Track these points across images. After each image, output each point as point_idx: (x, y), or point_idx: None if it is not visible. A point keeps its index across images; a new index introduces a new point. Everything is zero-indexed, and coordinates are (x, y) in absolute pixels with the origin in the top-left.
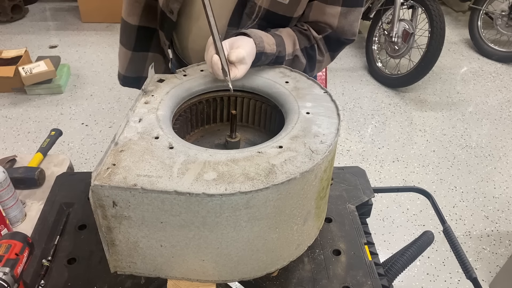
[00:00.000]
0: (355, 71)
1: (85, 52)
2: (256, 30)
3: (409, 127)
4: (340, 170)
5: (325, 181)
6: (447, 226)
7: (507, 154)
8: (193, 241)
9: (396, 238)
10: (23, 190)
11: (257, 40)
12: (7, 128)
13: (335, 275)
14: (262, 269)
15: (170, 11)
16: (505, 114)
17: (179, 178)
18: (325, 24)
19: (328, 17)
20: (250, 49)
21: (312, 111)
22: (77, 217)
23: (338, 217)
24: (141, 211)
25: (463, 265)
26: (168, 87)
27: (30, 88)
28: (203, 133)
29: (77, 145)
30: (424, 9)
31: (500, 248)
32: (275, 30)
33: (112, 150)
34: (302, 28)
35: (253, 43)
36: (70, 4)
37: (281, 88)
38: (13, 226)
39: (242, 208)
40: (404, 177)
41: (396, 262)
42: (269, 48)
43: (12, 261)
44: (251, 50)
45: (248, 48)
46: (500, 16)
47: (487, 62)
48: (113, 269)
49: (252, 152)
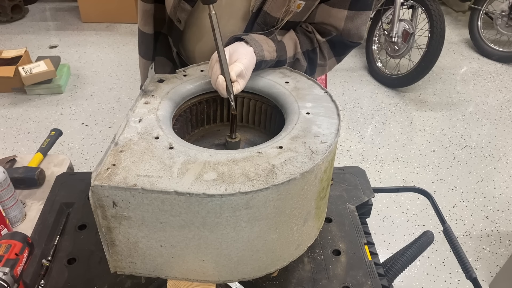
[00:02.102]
0: (355, 71)
1: (85, 52)
2: (256, 35)
3: (409, 127)
4: (340, 170)
5: (325, 181)
6: (447, 226)
7: (507, 154)
8: (193, 242)
9: (396, 238)
10: (23, 190)
11: (257, 49)
12: (7, 128)
13: (335, 275)
14: (262, 270)
15: (177, 20)
16: (505, 114)
17: (179, 179)
18: (330, 26)
19: (334, 20)
20: (249, 60)
21: (312, 112)
22: (77, 217)
23: (338, 217)
24: (141, 211)
25: (463, 265)
26: (168, 87)
27: (30, 88)
28: (203, 133)
29: (77, 145)
30: (424, 9)
31: (500, 248)
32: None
33: (112, 150)
34: (306, 29)
35: (253, 53)
36: (70, 4)
37: (281, 89)
38: (13, 226)
39: (242, 209)
40: (404, 177)
41: (396, 262)
42: (269, 55)
43: (12, 261)
44: (250, 61)
45: (246, 60)
46: (500, 16)
47: (487, 62)
48: (113, 269)
49: (252, 153)
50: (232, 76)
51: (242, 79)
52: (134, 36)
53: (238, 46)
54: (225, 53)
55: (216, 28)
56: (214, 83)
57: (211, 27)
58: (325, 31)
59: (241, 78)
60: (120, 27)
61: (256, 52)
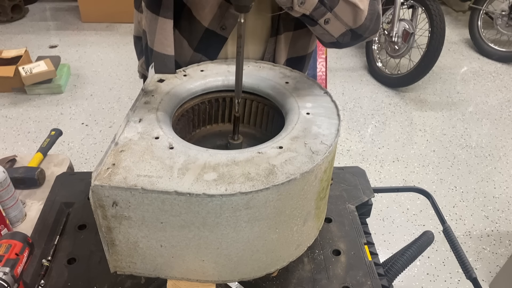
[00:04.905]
0: (355, 71)
1: (85, 52)
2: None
3: (409, 127)
4: (340, 170)
5: (325, 182)
6: (447, 226)
7: (507, 154)
8: (193, 242)
9: (396, 238)
10: (23, 190)
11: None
12: (7, 128)
13: (335, 275)
14: (262, 270)
15: (222, 27)
16: (505, 114)
17: (180, 179)
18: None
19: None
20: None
21: (312, 112)
22: (77, 217)
23: (338, 217)
24: (141, 211)
25: (463, 265)
26: (168, 87)
27: (30, 88)
28: (204, 133)
29: (77, 145)
30: (424, 9)
31: (500, 248)
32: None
33: (112, 150)
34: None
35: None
36: (70, 4)
37: (281, 89)
38: (13, 226)
39: (242, 209)
40: (404, 177)
41: (396, 262)
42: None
43: (12, 261)
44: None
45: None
46: (500, 16)
47: (487, 62)
48: (113, 269)
49: (252, 153)
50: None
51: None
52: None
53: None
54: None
55: (243, 36)
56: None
57: (238, 34)
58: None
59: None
60: (120, 27)
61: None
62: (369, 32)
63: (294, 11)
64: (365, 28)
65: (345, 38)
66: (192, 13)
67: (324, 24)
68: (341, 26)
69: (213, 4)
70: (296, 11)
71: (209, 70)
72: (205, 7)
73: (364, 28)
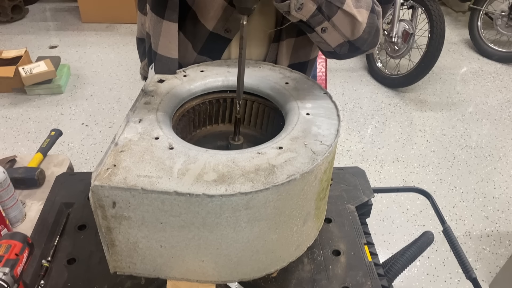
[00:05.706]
0: (355, 71)
1: (85, 52)
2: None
3: (409, 127)
4: (340, 171)
5: (325, 182)
6: (447, 226)
7: (507, 154)
8: (193, 242)
9: (396, 238)
10: (23, 190)
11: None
12: (7, 128)
13: (334, 276)
14: (261, 270)
15: (226, 30)
16: (505, 114)
17: (179, 179)
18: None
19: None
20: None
21: (312, 112)
22: (77, 217)
23: (337, 217)
24: (141, 211)
25: (463, 265)
26: (168, 88)
27: (30, 88)
28: (205, 133)
29: (77, 145)
30: (424, 9)
31: (500, 248)
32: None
33: (112, 151)
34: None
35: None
36: (70, 4)
37: (281, 89)
38: (13, 226)
39: (242, 209)
40: (404, 177)
41: (396, 262)
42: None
43: (12, 262)
44: None
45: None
46: (500, 16)
47: (487, 62)
48: (112, 269)
49: (252, 153)
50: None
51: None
52: (134, 37)
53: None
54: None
55: (244, 37)
56: None
57: (240, 35)
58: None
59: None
60: (120, 27)
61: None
62: (367, 46)
63: (291, 15)
64: (363, 41)
65: (343, 49)
66: (197, 16)
67: (321, 32)
68: (339, 36)
69: (218, 8)
70: (293, 16)
71: (209, 70)
72: (210, 11)
73: (362, 41)
